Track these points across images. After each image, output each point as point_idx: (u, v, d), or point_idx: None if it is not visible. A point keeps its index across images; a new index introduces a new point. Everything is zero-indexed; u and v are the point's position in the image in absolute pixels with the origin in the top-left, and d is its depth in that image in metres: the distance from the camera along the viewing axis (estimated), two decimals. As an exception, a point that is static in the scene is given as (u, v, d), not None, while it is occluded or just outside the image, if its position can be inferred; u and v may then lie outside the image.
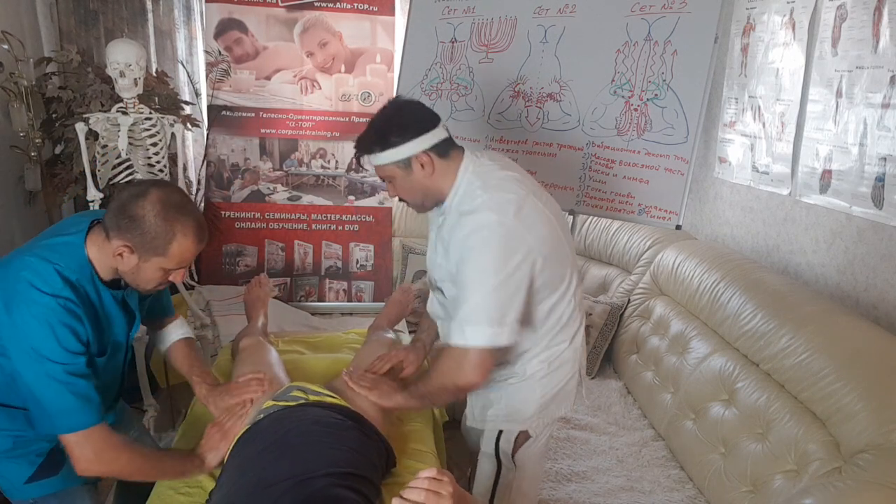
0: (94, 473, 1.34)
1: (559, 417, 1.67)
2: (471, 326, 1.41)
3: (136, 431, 1.76)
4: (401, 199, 1.58)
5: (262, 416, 1.48)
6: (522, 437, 1.63)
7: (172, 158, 2.61)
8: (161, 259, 1.34)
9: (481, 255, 1.40)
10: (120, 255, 1.33)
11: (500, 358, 1.52)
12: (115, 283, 1.42)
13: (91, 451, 1.30)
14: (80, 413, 1.29)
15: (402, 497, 0.98)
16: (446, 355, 1.49)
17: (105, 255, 1.36)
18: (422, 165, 1.47)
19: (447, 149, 1.50)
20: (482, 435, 1.68)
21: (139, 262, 1.34)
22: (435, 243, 1.60)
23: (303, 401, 1.51)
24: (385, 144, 1.46)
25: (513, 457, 1.65)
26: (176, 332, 1.72)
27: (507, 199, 1.44)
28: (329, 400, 1.53)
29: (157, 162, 2.42)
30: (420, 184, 1.49)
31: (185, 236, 1.34)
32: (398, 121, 1.47)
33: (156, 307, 1.68)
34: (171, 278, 1.40)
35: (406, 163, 1.47)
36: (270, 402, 1.52)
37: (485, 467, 1.70)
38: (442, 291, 1.59)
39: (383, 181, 1.56)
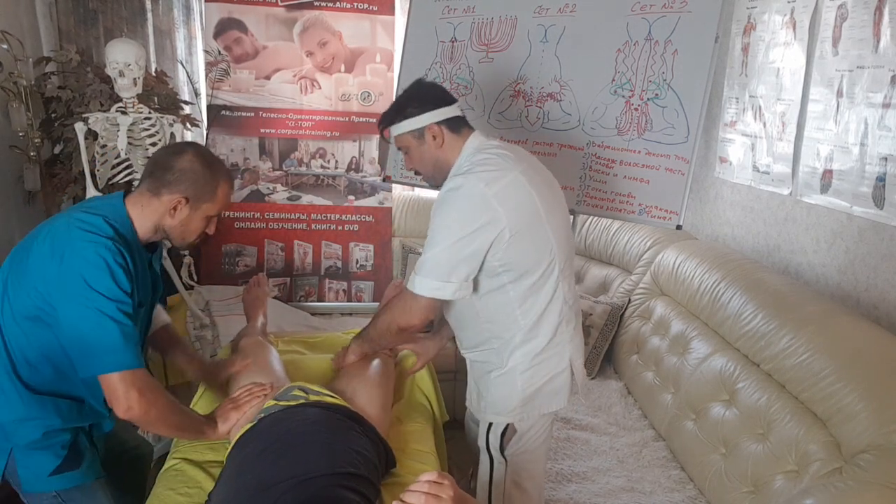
0: (134, 415, 1.37)
1: (549, 414, 1.67)
2: (420, 277, 1.52)
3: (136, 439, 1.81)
4: (416, 173, 1.71)
5: (262, 415, 1.48)
6: (510, 432, 1.65)
7: (172, 158, 2.60)
8: (209, 205, 1.50)
9: (445, 213, 1.50)
10: (174, 208, 1.45)
11: (441, 308, 1.63)
12: (147, 247, 1.52)
13: (136, 390, 1.34)
14: (127, 352, 1.34)
15: (402, 500, 0.98)
16: (398, 298, 1.62)
17: (148, 214, 1.46)
18: (434, 137, 1.60)
19: (459, 126, 1.63)
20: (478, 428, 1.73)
21: (191, 213, 1.47)
22: None
23: (303, 400, 1.51)
24: (403, 115, 1.61)
25: (503, 452, 1.67)
26: (160, 317, 1.76)
27: (487, 169, 1.52)
28: (329, 400, 1.52)
29: (157, 162, 2.41)
30: (431, 154, 1.62)
31: (226, 180, 1.53)
32: (417, 95, 1.64)
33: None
34: (208, 229, 1.55)
35: (420, 133, 1.61)
36: (272, 402, 1.52)
37: (481, 462, 1.74)
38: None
39: (400, 150, 1.69)
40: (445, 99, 1.64)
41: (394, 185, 3.19)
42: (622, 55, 2.37)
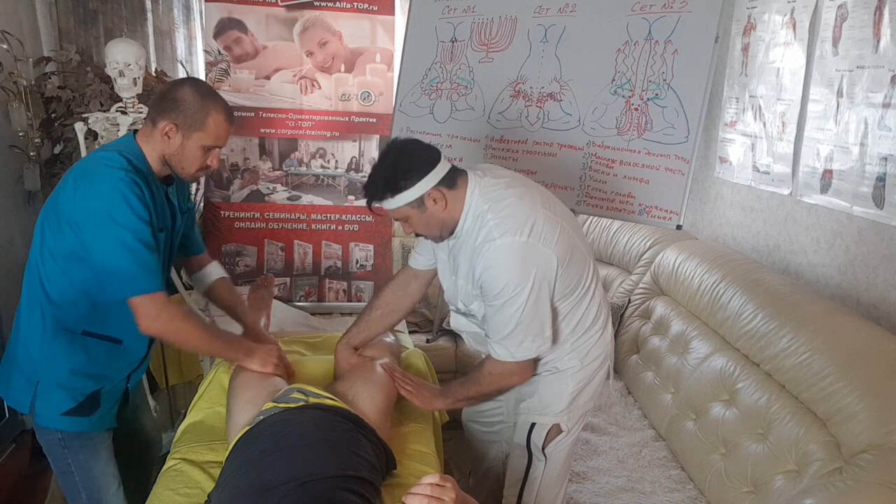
0: (155, 331, 1.51)
1: (589, 411, 1.76)
2: (515, 345, 1.53)
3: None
4: (418, 235, 1.65)
5: (261, 417, 1.47)
6: (554, 431, 1.70)
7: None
8: (201, 135, 1.53)
9: (506, 277, 1.48)
10: (167, 134, 1.52)
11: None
12: (162, 181, 1.60)
13: (154, 309, 1.47)
14: (144, 279, 1.45)
15: (404, 503, 0.98)
16: (491, 366, 1.60)
17: (153, 144, 1.54)
18: (434, 201, 1.52)
19: (453, 178, 1.55)
20: (514, 428, 1.76)
21: (183, 141, 1.53)
22: (451, 266, 1.67)
23: (302, 402, 1.50)
24: (395, 190, 1.51)
25: (543, 449, 1.71)
26: (215, 271, 1.90)
27: (518, 219, 1.50)
28: (329, 402, 1.52)
29: (157, 161, 2.41)
30: (436, 218, 1.55)
31: (218, 112, 1.55)
32: (403, 165, 1.52)
33: (189, 244, 1.83)
34: (209, 161, 1.58)
35: (419, 202, 1.52)
36: (271, 404, 1.51)
37: (516, 460, 1.77)
38: (469, 313, 1.68)
39: (397, 220, 1.63)
40: (434, 156, 1.53)
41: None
42: (622, 55, 2.37)
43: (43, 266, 1.52)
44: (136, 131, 1.59)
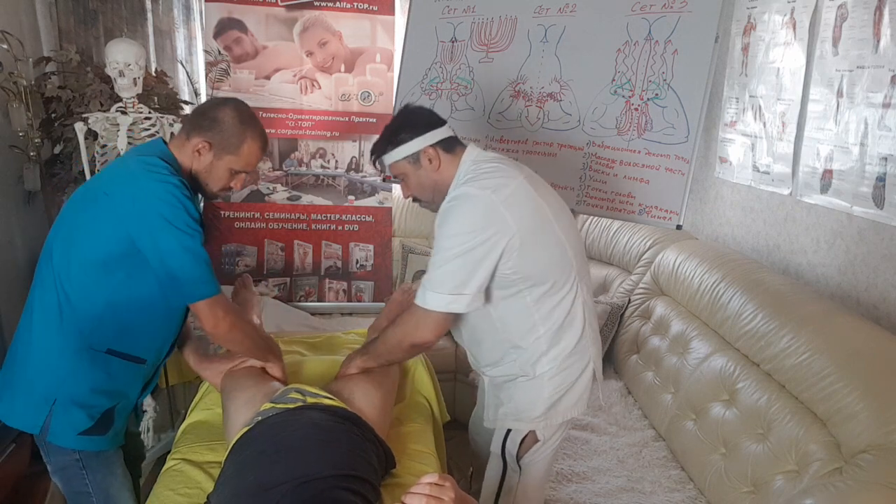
0: (219, 333, 1.52)
1: (569, 421, 1.66)
2: (432, 291, 1.49)
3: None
4: (414, 200, 1.68)
5: (259, 418, 1.47)
6: (530, 440, 1.63)
7: (172, 158, 2.60)
8: (232, 158, 1.55)
9: (452, 222, 1.48)
10: (198, 151, 1.53)
11: (454, 322, 1.60)
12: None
13: (221, 311, 1.49)
14: (209, 283, 1.47)
15: (403, 502, 0.97)
16: (408, 314, 1.57)
17: (184, 155, 1.54)
18: (429, 160, 1.58)
19: (452, 145, 1.62)
20: (493, 434, 1.69)
21: (213, 160, 1.54)
22: None
23: (300, 403, 1.50)
24: (396, 142, 1.59)
25: (518, 460, 1.65)
26: None
27: (492, 177, 1.51)
28: (327, 402, 1.52)
29: (157, 162, 2.41)
30: (429, 178, 1.60)
31: (255, 140, 1.56)
32: (407, 121, 1.62)
33: None
34: (233, 183, 1.60)
35: (415, 157, 1.59)
36: (269, 405, 1.51)
37: (492, 468, 1.71)
38: None
39: (396, 179, 1.68)
40: (436, 121, 1.62)
41: (394, 185, 3.19)
42: (622, 55, 2.36)
43: (68, 279, 1.46)
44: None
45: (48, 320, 1.48)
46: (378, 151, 1.64)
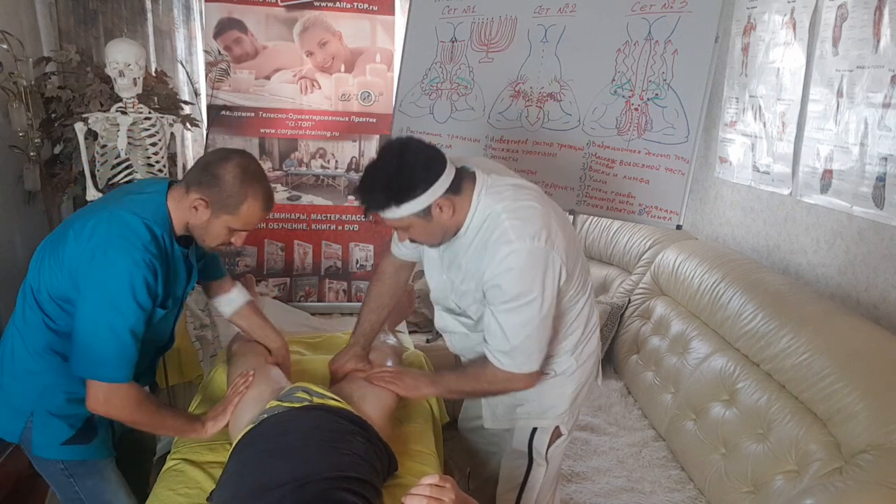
0: (98, 413, 1.44)
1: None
2: (524, 357, 1.48)
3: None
4: (412, 241, 1.54)
5: (265, 415, 1.47)
6: (556, 434, 1.69)
7: (172, 158, 2.61)
8: (230, 218, 1.46)
9: (524, 282, 1.41)
10: (195, 207, 1.44)
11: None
12: (183, 241, 1.52)
13: (114, 400, 1.41)
14: (118, 368, 1.38)
15: (403, 503, 0.97)
16: (495, 371, 1.51)
17: (181, 209, 1.46)
18: (441, 209, 1.41)
19: (459, 184, 1.44)
20: (512, 433, 1.72)
21: (210, 218, 1.45)
22: (442, 264, 1.60)
23: (307, 402, 1.50)
24: (400, 200, 1.39)
25: (546, 454, 1.70)
26: (240, 296, 1.80)
27: (535, 224, 1.42)
28: (333, 403, 1.52)
29: (157, 162, 2.41)
30: (441, 226, 1.45)
31: (256, 200, 1.46)
32: (407, 172, 1.39)
33: (210, 268, 1.75)
34: (233, 239, 1.51)
35: (426, 211, 1.41)
36: (274, 403, 1.51)
37: (513, 465, 1.74)
38: (464, 314, 1.62)
39: (395, 229, 1.53)
40: (441, 164, 1.41)
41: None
42: (622, 55, 2.37)
43: (40, 295, 1.45)
44: (172, 182, 1.51)
45: (26, 331, 1.47)
46: (377, 206, 1.43)
